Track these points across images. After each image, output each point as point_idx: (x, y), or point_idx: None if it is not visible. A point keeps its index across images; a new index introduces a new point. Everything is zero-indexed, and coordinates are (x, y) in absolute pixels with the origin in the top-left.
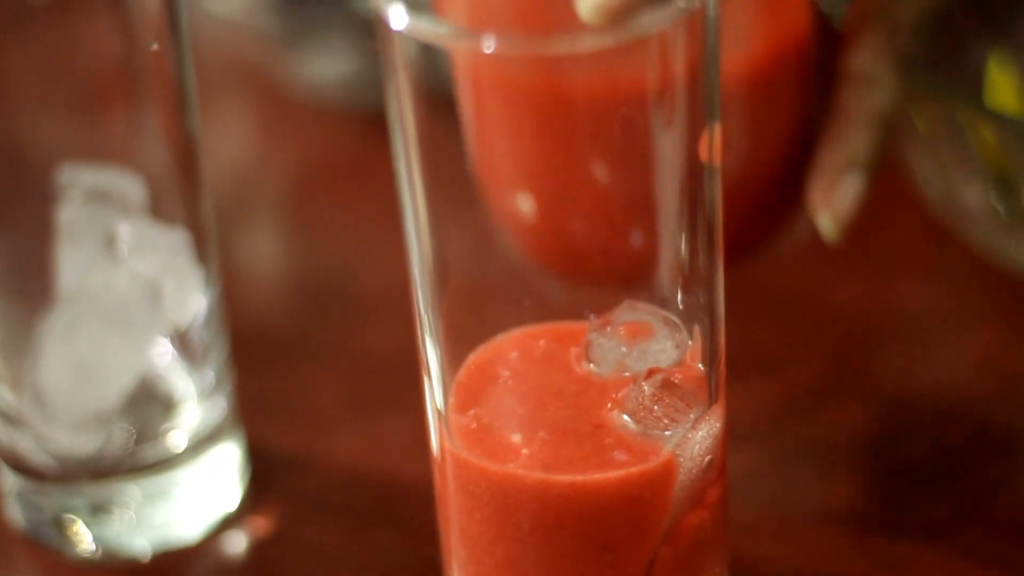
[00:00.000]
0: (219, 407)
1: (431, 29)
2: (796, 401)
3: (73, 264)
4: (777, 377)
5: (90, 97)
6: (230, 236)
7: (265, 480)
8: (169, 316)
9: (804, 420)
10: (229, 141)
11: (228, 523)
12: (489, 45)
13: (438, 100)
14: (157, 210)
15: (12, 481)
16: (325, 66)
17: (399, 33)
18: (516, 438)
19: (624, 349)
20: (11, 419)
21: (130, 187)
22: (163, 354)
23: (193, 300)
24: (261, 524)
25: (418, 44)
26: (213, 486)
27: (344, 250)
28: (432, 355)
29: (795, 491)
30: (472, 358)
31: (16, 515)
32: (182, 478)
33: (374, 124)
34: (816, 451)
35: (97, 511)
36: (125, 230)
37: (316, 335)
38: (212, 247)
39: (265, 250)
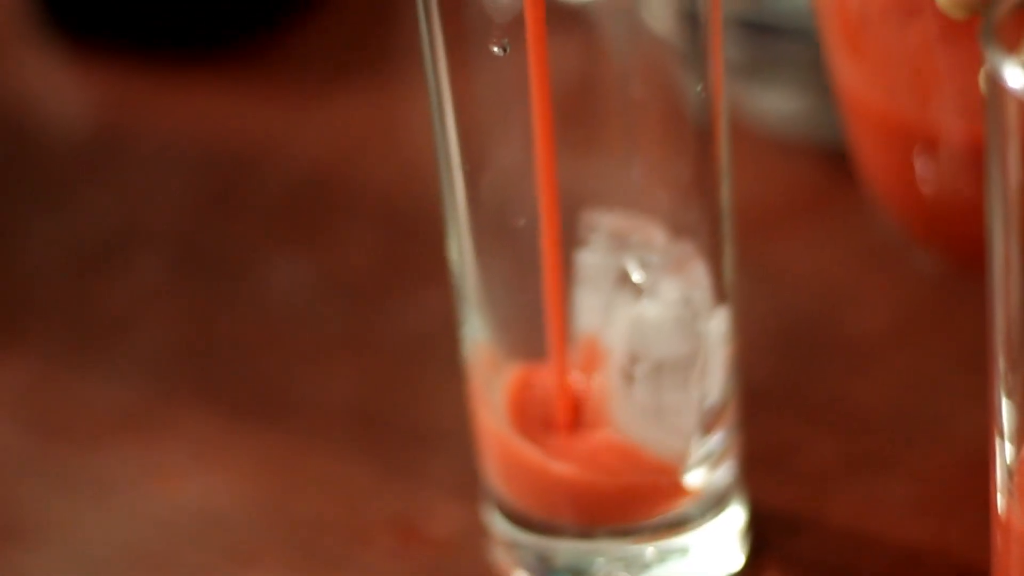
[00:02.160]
0: (729, 470)
1: None
2: None
3: (589, 309)
4: None
5: (617, 138)
6: None
7: (764, 542)
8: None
9: None
10: None
11: None
12: None
13: None
14: (679, 260)
15: (521, 535)
16: (784, 99)
17: (1016, 94)
18: None
19: None
20: None
21: (653, 234)
22: None
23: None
24: None
25: None
26: (719, 549)
27: (820, 296)
28: (1007, 415)
29: None
30: None
31: (523, 567)
32: (692, 541)
33: (832, 161)
34: None
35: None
36: (646, 280)
37: (802, 388)
38: (733, 301)
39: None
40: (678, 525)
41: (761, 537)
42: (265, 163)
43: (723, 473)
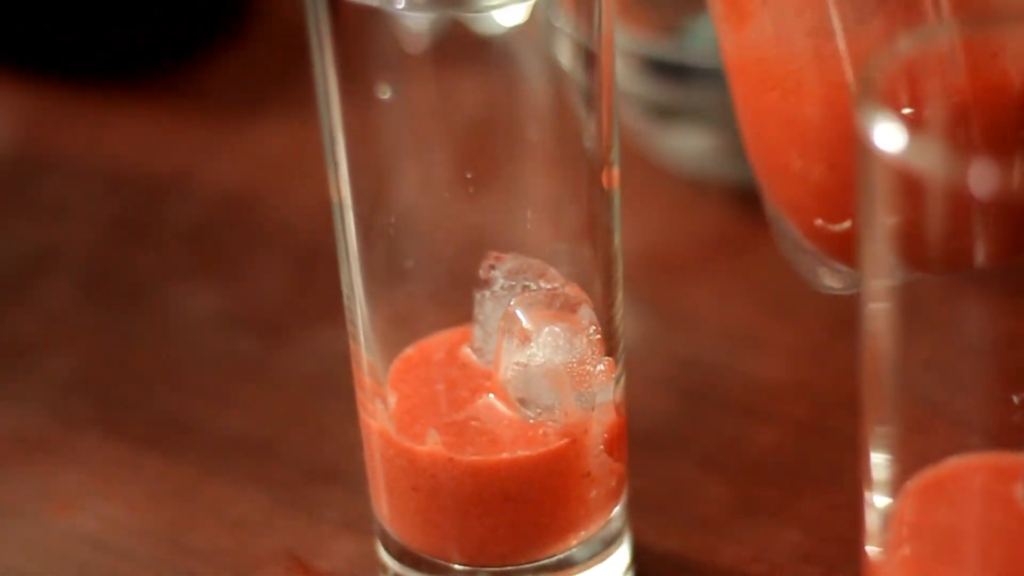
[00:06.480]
0: (617, 512)
1: (933, 158)
2: None
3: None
4: None
5: (513, 180)
6: None
7: None
8: None
9: None
10: None
11: None
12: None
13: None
14: (569, 306)
15: (409, 573)
16: (698, 140)
17: (888, 156)
18: None
19: None
20: None
21: (548, 278)
22: None
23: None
24: None
25: (910, 174)
26: None
27: (722, 340)
28: (876, 468)
29: None
30: (910, 485)
31: None
32: None
33: (746, 203)
34: None
35: None
36: (533, 325)
37: (698, 433)
38: (623, 346)
39: (632, 333)
40: (563, 567)
41: None
42: (177, 193)
43: (611, 516)
